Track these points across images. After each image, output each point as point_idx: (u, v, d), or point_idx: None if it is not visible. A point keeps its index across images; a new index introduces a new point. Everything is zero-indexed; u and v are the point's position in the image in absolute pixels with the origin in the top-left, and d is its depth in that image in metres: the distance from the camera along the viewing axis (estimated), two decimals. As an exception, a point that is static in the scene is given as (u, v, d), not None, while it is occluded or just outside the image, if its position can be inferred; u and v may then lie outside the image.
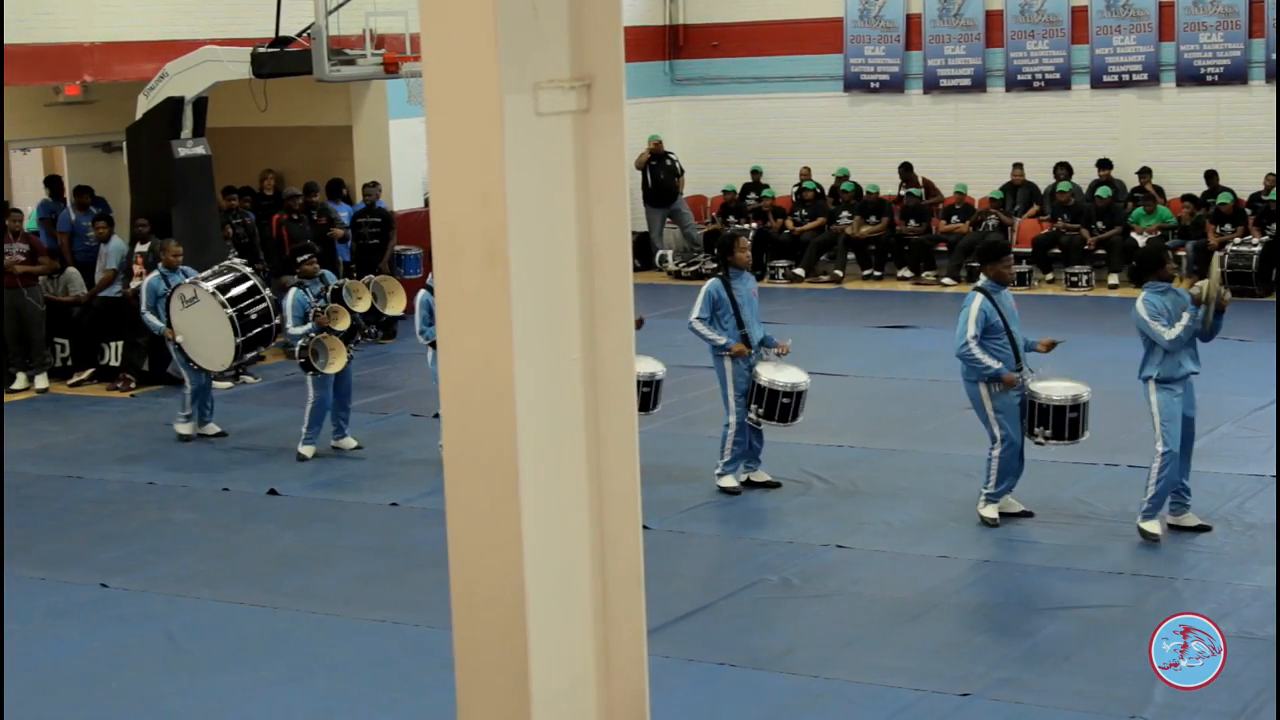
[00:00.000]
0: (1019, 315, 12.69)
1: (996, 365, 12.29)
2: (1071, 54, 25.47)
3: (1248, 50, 24.38)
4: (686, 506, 13.41)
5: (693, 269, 26.04)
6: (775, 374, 13.52)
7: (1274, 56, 24.12)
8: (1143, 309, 11.97)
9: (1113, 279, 23.79)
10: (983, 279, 12.62)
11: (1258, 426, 15.21)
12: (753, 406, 13.47)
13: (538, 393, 5.12)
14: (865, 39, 26.92)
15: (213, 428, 16.47)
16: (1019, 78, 25.85)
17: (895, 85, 26.80)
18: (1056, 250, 24.37)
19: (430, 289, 13.68)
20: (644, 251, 26.78)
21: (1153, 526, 12.00)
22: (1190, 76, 24.77)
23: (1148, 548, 11.93)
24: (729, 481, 13.64)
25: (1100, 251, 24.12)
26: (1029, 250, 24.32)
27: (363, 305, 15.44)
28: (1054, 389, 12.51)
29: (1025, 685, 9.60)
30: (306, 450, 15.36)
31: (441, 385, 5.25)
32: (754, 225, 26.14)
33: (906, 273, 25.31)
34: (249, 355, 16.17)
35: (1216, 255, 12.63)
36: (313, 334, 15.09)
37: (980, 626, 10.86)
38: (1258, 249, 22.51)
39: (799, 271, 25.65)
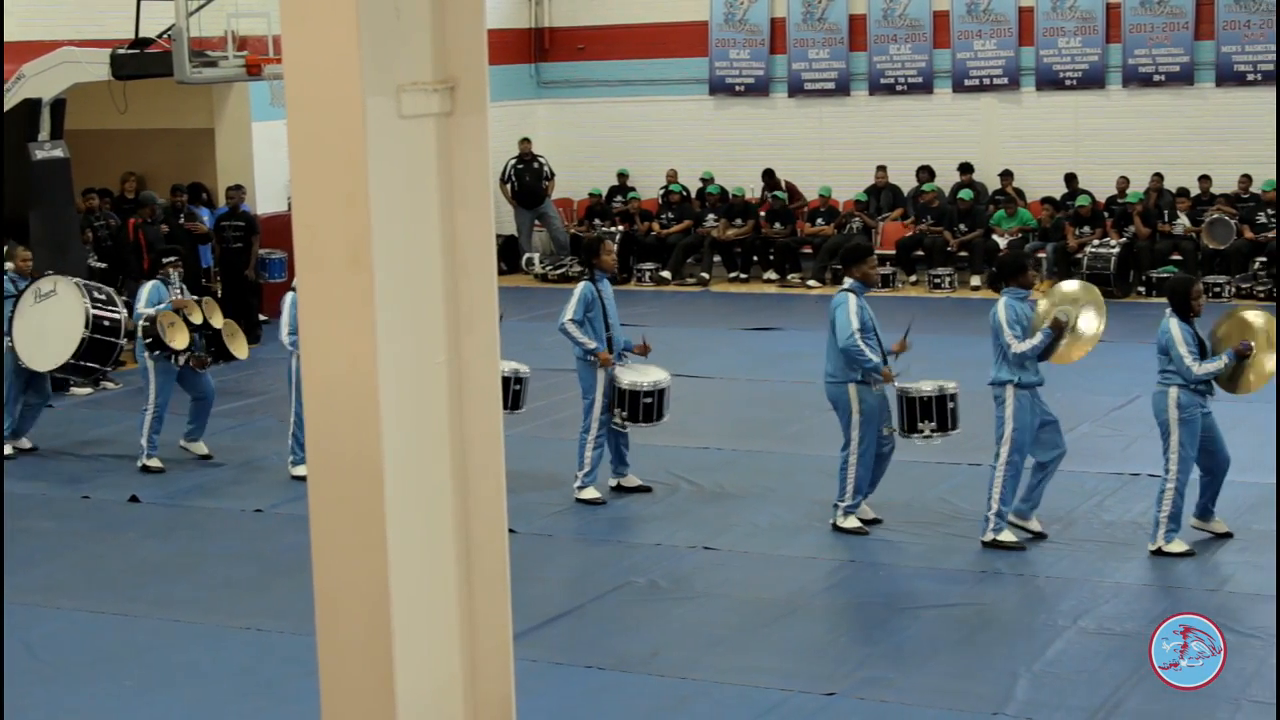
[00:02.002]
0: (878, 320, 12.80)
1: (877, 359, 12.38)
2: (933, 58, 25.76)
3: (1105, 55, 24.78)
4: (553, 510, 13.40)
5: (560, 272, 26.03)
6: (635, 375, 13.54)
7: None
8: (1003, 314, 12.09)
9: (975, 281, 24.07)
10: (849, 280, 12.71)
11: (1116, 426, 15.45)
12: (617, 411, 13.47)
13: (402, 397, 5.09)
14: (730, 43, 27.05)
15: (25, 442, 16.00)
16: (882, 81, 26.09)
17: (760, 89, 26.95)
18: (920, 252, 24.62)
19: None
20: (511, 254, 26.73)
21: (1007, 536, 12.12)
22: (1049, 81, 25.13)
23: (997, 548, 12.06)
24: (590, 494, 13.59)
25: (963, 254, 24.40)
26: (892, 253, 24.55)
27: (214, 321, 15.23)
28: (923, 383, 12.67)
29: (889, 684, 9.68)
30: (153, 462, 15.07)
31: (304, 389, 5.21)
32: (620, 228, 26.17)
33: (772, 275, 25.45)
34: (88, 363, 15.67)
35: (1086, 285, 12.82)
36: (164, 308, 14.83)
37: (845, 626, 10.95)
38: (1115, 250, 22.86)
39: (665, 274, 25.72)
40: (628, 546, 12.57)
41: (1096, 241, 23.20)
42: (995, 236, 24.14)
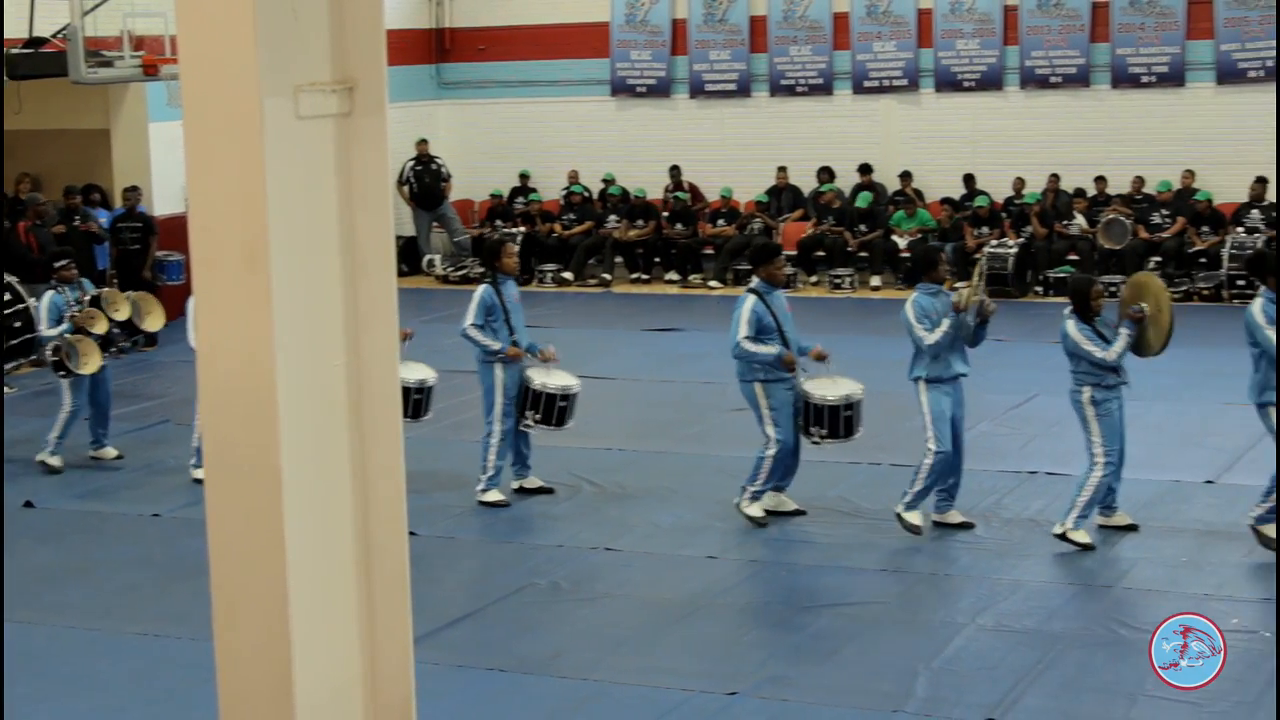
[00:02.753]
0: (792, 316, 12.86)
1: (772, 350, 12.41)
2: (833, 60, 25.88)
3: (1002, 57, 24.99)
4: (455, 512, 13.36)
5: (460, 273, 25.94)
6: (546, 378, 13.52)
7: (1026, 61, 24.78)
8: (911, 310, 12.20)
9: (875, 281, 24.22)
10: (755, 280, 12.76)
11: (1015, 425, 15.59)
12: (529, 412, 13.43)
13: (300, 399, 5.06)
14: (632, 44, 27.06)
15: None
16: (782, 83, 26.19)
17: (661, 90, 26.98)
18: (820, 253, 24.74)
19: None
20: (412, 256, 26.63)
21: (914, 517, 12.24)
22: (948, 83, 25.32)
23: (911, 545, 12.16)
24: (493, 496, 13.54)
25: (863, 254, 24.54)
26: (793, 253, 24.61)
27: (121, 314, 15.11)
28: (828, 389, 12.70)
29: (791, 682, 9.73)
30: (54, 460, 14.96)
31: (201, 392, 5.17)
32: (522, 229, 26.12)
33: (674, 276, 25.49)
34: (9, 364, 15.64)
35: (979, 266, 12.89)
36: (66, 334, 14.73)
37: (747, 625, 10.99)
38: (1014, 251, 23.07)
39: (567, 275, 25.70)
40: (530, 548, 12.55)
41: (995, 242, 23.40)
42: (895, 237, 24.30)
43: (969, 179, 24.51)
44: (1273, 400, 11.50)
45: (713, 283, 24.94)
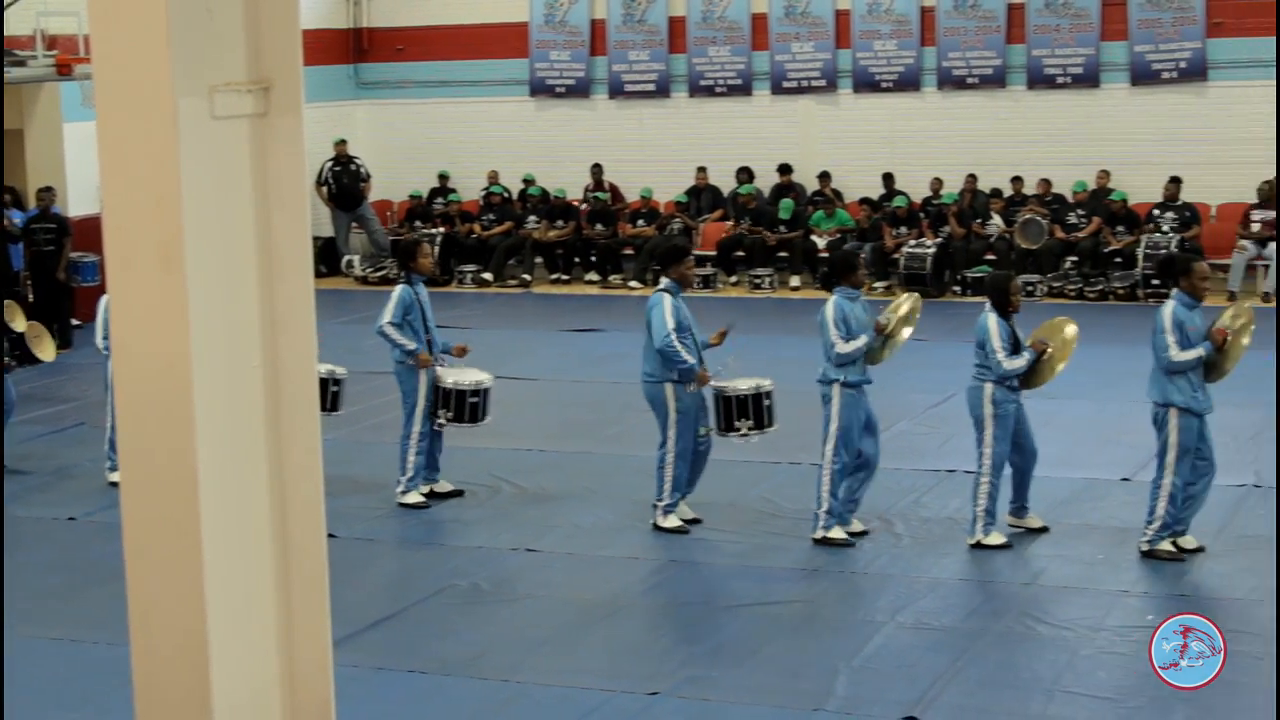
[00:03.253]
0: (696, 320, 12.87)
1: (692, 361, 12.44)
2: (752, 60, 25.96)
3: (920, 58, 25.15)
4: (374, 514, 13.31)
5: (379, 274, 25.85)
6: (458, 376, 13.49)
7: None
8: (829, 313, 12.22)
9: (794, 281, 24.31)
10: (665, 281, 12.78)
11: (933, 423, 15.69)
12: (441, 411, 13.40)
13: (217, 400, 5.03)
14: (551, 44, 27.05)
15: None
16: (701, 83, 26.25)
17: (581, 90, 26.98)
18: (740, 253, 24.80)
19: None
20: (330, 257, 26.51)
21: (837, 533, 12.25)
22: (866, 83, 25.44)
23: (827, 545, 12.20)
24: (413, 498, 13.50)
25: (782, 254, 24.61)
26: (713, 253, 24.70)
27: (18, 325, 14.92)
28: (738, 383, 12.74)
29: (711, 683, 9.74)
30: None
31: (116, 394, 5.12)
32: (441, 230, 26.05)
33: (593, 276, 25.50)
34: None
35: (917, 296, 12.96)
36: None
37: (668, 626, 11.01)
38: (932, 251, 23.21)
39: (487, 276, 25.65)
40: (449, 550, 12.52)
41: (913, 242, 23.54)
42: (814, 237, 24.40)
43: (888, 178, 24.63)
44: (1172, 401, 11.57)
45: (633, 283, 24.96)
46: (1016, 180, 24.21)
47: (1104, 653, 10.05)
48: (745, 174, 25.60)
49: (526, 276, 25.77)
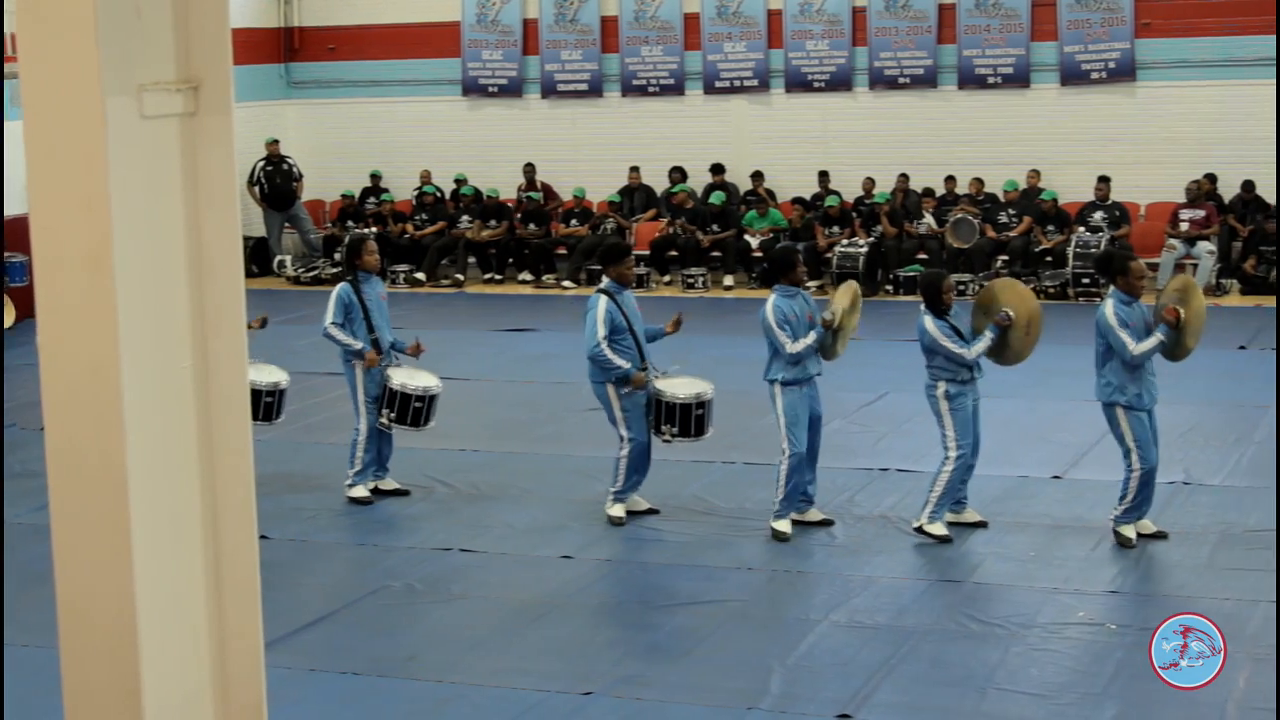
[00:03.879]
0: (641, 316, 12.89)
1: (626, 365, 12.46)
2: (685, 60, 26.00)
3: (851, 58, 25.24)
4: (308, 515, 13.25)
5: (312, 274, 25.73)
6: (407, 378, 13.45)
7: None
8: (770, 314, 12.24)
9: (728, 280, 24.35)
10: (605, 281, 12.79)
11: (866, 422, 15.74)
12: (385, 411, 13.35)
13: (147, 402, 4.99)
14: (483, 43, 27.00)
15: None
16: (634, 83, 26.26)
17: (513, 90, 26.95)
18: (673, 252, 24.83)
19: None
20: (263, 257, 26.38)
21: (784, 525, 12.30)
22: (798, 83, 25.52)
23: (765, 543, 12.23)
24: (359, 492, 13.47)
25: (715, 254, 24.66)
26: (647, 253, 24.71)
27: None
28: (679, 387, 12.74)
29: (646, 682, 9.75)
30: None
31: (44, 395, 5.08)
32: (374, 229, 25.96)
33: (527, 276, 25.47)
34: None
35: (854, 285, 13.00)
36: None
37: (603, 625, 11.00)
38: (864, 250, 23.30)
39: (420, 276, 25.58)
40: (384, 550, 12.48)
41: (845, 241, 23.63)
42: (748, 237, 24.45)
43: (824, 177, 24.71)
44: (1120, 400, 11.71)
45: (566, 283, 24.94)
46: (950, 179, 24.34)
47: (1036, 649, 10.11)
48: (678, 173, 25.62)
49: (460, 276, 25.71)
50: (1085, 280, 22.23)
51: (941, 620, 10.65)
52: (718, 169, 25.49)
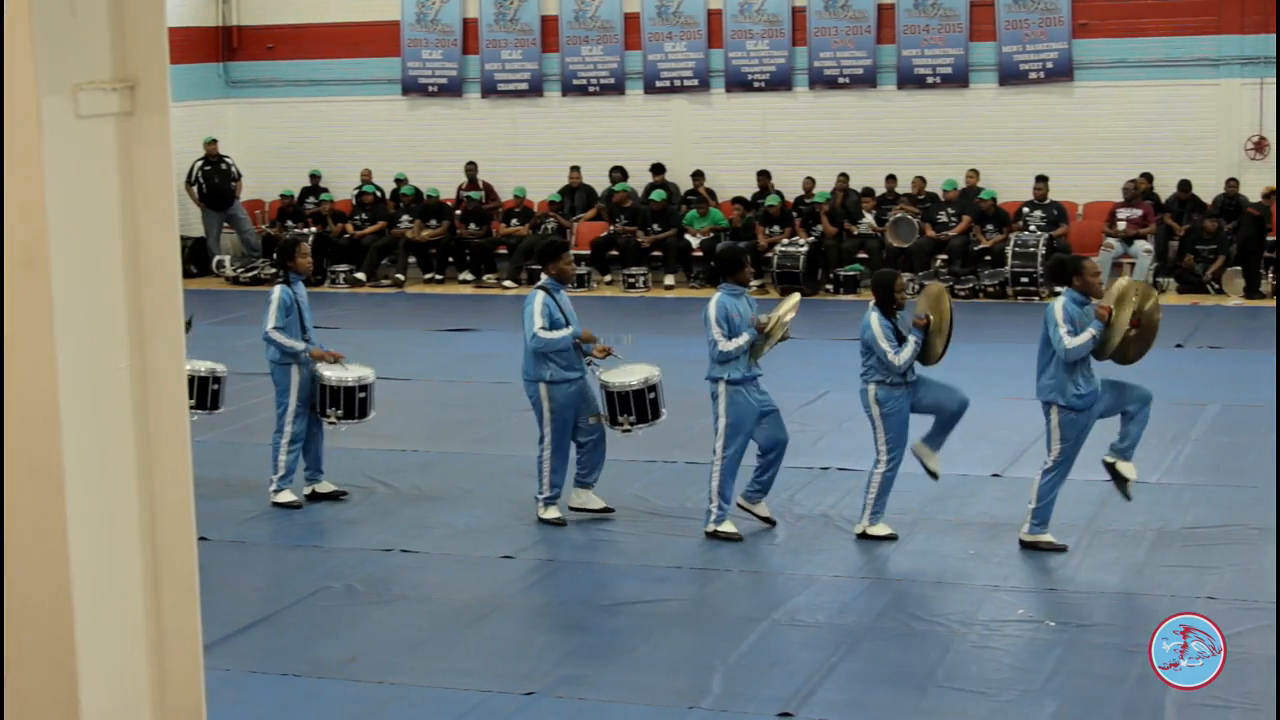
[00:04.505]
0: (577, 314, 12.88)
1: (567, 332, 12.46)
2: (625, 60, 26.01)
3: (791, 58, 25.31)
4: (247, 517, 13.18)
5: (251, 274, 25.62)
6: (341, 372, 13.40)
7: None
8: (712, 311, 12.25)
9: (669, 280, 24.37)
10: (544, 278, 12.78)
11: (806, 421, 15.75)
12: (330, 409, 13.29)
13: (84, 403, 4.96)
14: (423, 43, 26.94)
15: None
16: (574, 83, 26.26)
17: (453, 89, 26.91)
18: (614, 252, 24.83)
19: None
20: (201, 257, 26.25)
21: (729, 526, 12.29)
22: (738, 83, 25.57)
23: (705, 544, 12.23)
24: (286, 497, 13.39)
25: (656, 253, 24.67)
26: (587, 253, 24.71)
27: None
28: (624, 375, 12.76)
29: (587, 682, 9.74)
30: None
31: (-20, 397, 5.03)
32: (313, 229, 25.86)
33: (467, 276, 25.43)
34: None
35: (797, 295, 12.98)
36: None
37: (544, 625, 10.99)
38: (804, 249, 23.36)
39: (360, 276, 25.51)
40: (323, 551, 12.43)
41: (786, 241, 23.69)
42: (688, 236, 24.48)
43: (764, 175, 24.75)
44: (1057, 400, 11.74)
45: (507, 282, 24.92)
46: (891, 179, 24.42)
47: (976, 647, 10.16)
48: (619, 173, 25.63)
49: (400, 276, 25.64)
50: (1024, 279, 22.36)
51: (882, 618, 10.68)
52: (658, 168, 25.51)
